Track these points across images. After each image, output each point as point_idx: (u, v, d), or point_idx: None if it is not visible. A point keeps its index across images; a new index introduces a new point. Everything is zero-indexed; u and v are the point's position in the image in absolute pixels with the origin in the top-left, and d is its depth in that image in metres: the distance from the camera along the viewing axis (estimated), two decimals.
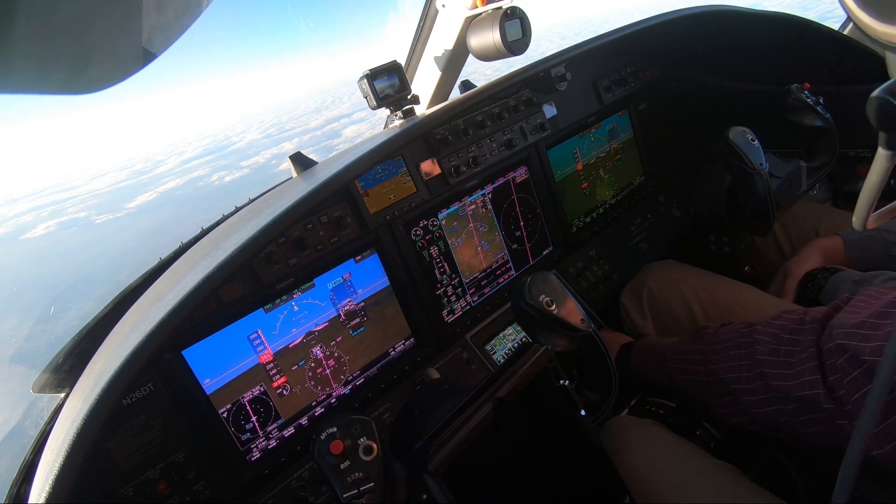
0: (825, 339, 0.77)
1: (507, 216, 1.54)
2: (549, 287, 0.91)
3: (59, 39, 0.38)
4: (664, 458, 0.97)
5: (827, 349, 0.76)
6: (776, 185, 1.35)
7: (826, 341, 0.76)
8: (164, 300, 0.79)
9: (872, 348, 0.67)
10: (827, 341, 0.76)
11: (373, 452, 0.71)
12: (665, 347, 1.12)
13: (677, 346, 1.09)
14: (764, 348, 0.87)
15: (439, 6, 1.35)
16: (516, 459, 0.77)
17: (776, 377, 0.83)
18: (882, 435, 0.65)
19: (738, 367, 0.91)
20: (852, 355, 0.69)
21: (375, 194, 1.25)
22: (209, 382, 1.05)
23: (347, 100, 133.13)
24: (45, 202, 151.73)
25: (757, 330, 0.90)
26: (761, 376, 0.86)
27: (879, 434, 0.65)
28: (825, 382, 0.75)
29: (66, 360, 1.20)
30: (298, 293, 1.17)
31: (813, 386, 0.76)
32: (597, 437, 0.82)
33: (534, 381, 0.78)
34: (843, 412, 0.72)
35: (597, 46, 1.30)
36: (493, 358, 1.44)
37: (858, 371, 0.69)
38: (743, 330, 0.94)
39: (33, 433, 1.16)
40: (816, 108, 1.43)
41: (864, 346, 0.68)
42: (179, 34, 0.50)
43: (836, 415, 0.73)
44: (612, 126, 1.82)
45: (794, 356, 0.81)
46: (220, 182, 61.24)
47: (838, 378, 0.72)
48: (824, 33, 1.57)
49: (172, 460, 1.02)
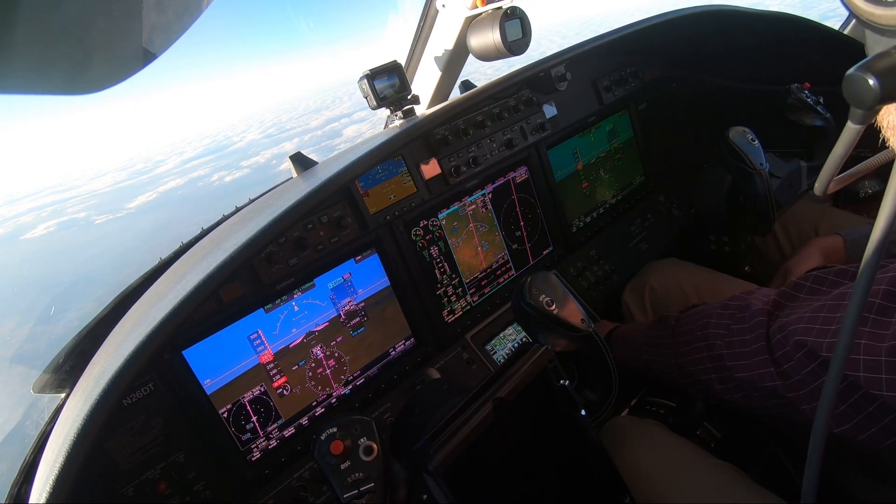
0: (775, 330, 0.79)
1: (507, 216, 1.54)
2: (549, 287, 0.91)
3: (59, 40, 0.38)
4: (664, 458, 0.97)
5: (777, 340, 0.78)
6: (776, 185, 1.35)
7: (776, 333, 0.78)
8: (165, 300, 0.79)
9: (829, 344, 0.69)
10: (777, 333, 0.78)
11: (373, 452, 0.71)
12: (636, 334, 1.14)
13: (647, 334, 1.11)
14: (720, 342, 0.89)
15: (439, 6, 1.35)
16: (516, 459, 0.77)
17: (738, 368, 0.85)
18: (840, 416, 0.68)
19: (701, 360, 0.93)
20: (809, 350, 0.72)
21: (375, 194, 1.25)
22: (209, 382, 1.05)
23: (348, 100, 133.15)
24: (44, 202, 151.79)
25: (710, 324, 0.93)
26: (725, 367, 0.88)
27: (838, 415, 0.68)
28: (779, 371, 0.77)
29: (66, 360, 1.20)
30: (299, 293, 1.17)
31: (770, 378, 0.79)
32: (597, 436, 0.82)
33: (534, 381, 0.78)
34: (802, 397, 0.75)
35: (597, 46, 1.30)
36: (494, 358, 1.44)
37: (815, 364, 0.72)
38: (698, 322, 0.96)
39: (34, 433, 1.16)
40: (816, 108, 1.43)
41: (821, 341, 0.70)
42: (179, 34, 0.50)
43: (798, 400, 0.76)
44: (612, 126, 1.82)
45: (747, 346, 0.84)
46: (220, 182, 61.25)
47: (793, 367, 0.75)
48: (824, 33, 1.57)
49: (173, 460, 1.02)
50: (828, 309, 0.72)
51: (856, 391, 0.65)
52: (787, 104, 1.46)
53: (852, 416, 0.67)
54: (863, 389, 0.64)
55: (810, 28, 1.54)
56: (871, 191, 1.68)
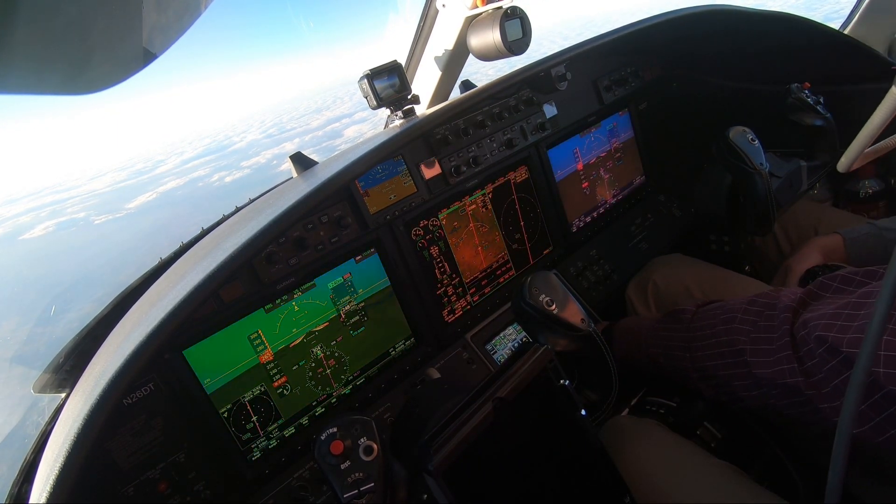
0: (799, 326, 0.78)
1: (507, 216, 1.54)
2: (549, 287, 0.91)
3: (59, 40, 0.38)
4: (665, 458, 0.97)
5: (801, 336, 0.77)
6: (776, 185, 1.35)
7: (800, 329, 0.78)
8: (165, 300, 0.79)
9: (850, 339, 0.68)
10: (801, 329, 0.77)
11: (373, 452, 0.71)
12: (641, 328, 1.10)
13: (656, 327, 1.07)
14: (744, 337, 0.88)
15: (439, 6, 1.35)
16: (517, 459, 0.77)
17: (758, 365, 0.84)
18: (860, 416, 0.67)
19: (720, 355, 0.91)
20: (830, 346, 0.71)
21: (376, 194, 1.25)
22: (210, 382, 1.05)
23: (348, 100, 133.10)
24: (43, 202, 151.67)
25: (735, 318, 0.91)
26: (745, 363, 0.87)
27: (858, 415, 0.67)
28: (802, 369, 0.76)
29: (66, 360, 1.20)
30: (299, 293, 1.17)
31: (792, 374, 0.78)
32: (597, 436, 0.82)
33: (534, 381, 0.78)
34: (823, 395, 0.74)
35: (597, 46, 1.30)
36: (494, 358, 1.44)
37: (836, 360, 0.71)
38: (722, 317, 0.94)
39: (34, 433, 1.16)
40: (816, 108, 1.43)
41: (842, 337, 0.69)
42: (179, 34, 0.50)
43: (817, 398, 0.75)
44: (613, 126, 1.82)
45: (772, 343, 0.82)
46: (220, 182, 61.22)
47: (816, 364, 0.74)
48: (824, 33, 1.57)
49: (173, 460, 1.02)
50: (852, 306, 0.71)
51: (877, 390, 0.64)
52: (787, 104, 1.46)
53: (872, 416, 0.66)
54: (884, 389, 0.63)
55: (810, 28, 1.54)
56: (871, 191, 1.68)
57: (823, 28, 1.56)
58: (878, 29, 1.87)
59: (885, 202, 1.69)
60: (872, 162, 1.64)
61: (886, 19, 1.86)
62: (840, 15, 1.99)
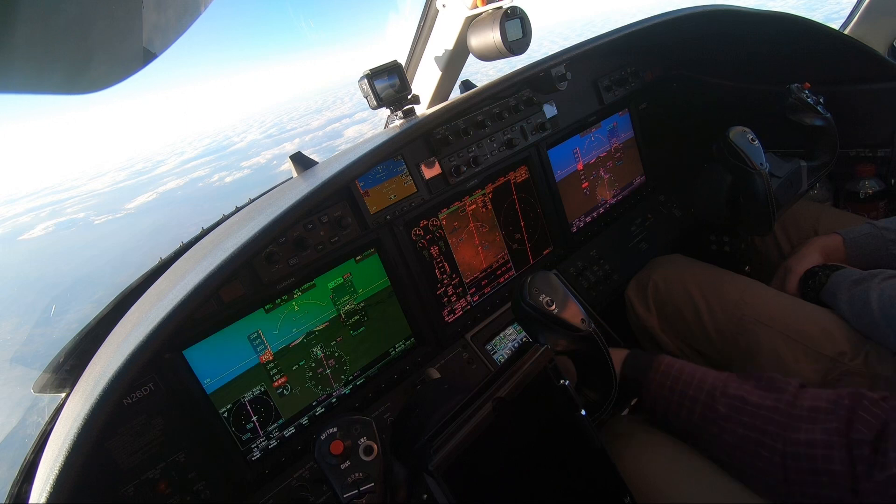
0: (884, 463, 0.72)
1: (507, 216, 1.54)
2: (549, 287, 0.91)
3: (59, 40, 0.38)
4: (665, 458, 0.97)
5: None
6: (776, 185, 1.35)
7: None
8: (165, 300, 0.79)
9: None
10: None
11: (373, 452, 0.71)
12: (714, 385, 0.93)
13: (735, 390, 0.90)
14: (839, 467, 0.76)
15: (439, 6, 1.35)
16: (517, 459, 0.77)
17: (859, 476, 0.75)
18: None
19: (830, 443, 0.77)
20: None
21: (376, 194, 1.25)
22: (210, 382, 1.05)
23: (349, 100, 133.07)
24: (43, 202, 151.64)
25: (858, 417, 0.78)
26: (852, 461, 0.75)
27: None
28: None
29: (66, 360, 1.20)
30: (299, 293, 1.17)
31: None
32: (597, 436, 0.82)
33: (534, 381, 0.78)
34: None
35: (597, 46, 1.30)
36: (494, 358, 1.44)
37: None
38: (844, 403, 0.80)
39: (34, 433, 1.16)
40: (816, 108, 1.43)
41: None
42: (179, 34, 0.50)
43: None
44: (613, 126, 1.82)
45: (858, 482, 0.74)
46: (220, 182, 61.19)
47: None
48: (824, 33, 1.57)
49: (173, 460, 1.02)
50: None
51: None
52: (787, 104, 1.46)
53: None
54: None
55: (810, 28, 1.54)
56: (871, 191, 1.68)
57: (824, 28, 1.56)
58: (878, 29, 1.87)
59: (885, 202, 1.69)
60: (872, 162, 1.65)
61: (886, 19, 1.87)
62: (840, 15, 1.99)
